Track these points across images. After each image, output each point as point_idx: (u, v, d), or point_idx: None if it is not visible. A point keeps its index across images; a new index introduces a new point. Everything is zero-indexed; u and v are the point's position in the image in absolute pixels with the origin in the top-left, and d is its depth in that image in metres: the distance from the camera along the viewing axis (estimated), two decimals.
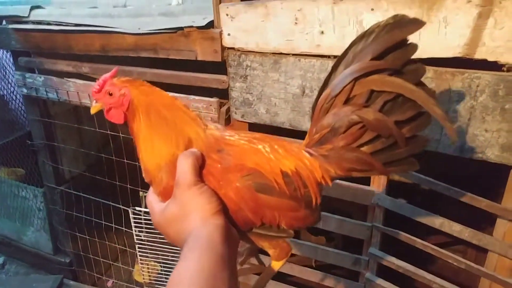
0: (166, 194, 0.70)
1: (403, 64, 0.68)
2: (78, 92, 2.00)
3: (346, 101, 0.71)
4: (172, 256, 2.27)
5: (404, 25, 0.66)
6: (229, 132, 0.76)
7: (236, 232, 0.68)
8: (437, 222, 1.54)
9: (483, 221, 1.68)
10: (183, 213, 0.65)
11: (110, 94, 0.71)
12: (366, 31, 0.69)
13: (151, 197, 0.74)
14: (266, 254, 0.81)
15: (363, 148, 0.73)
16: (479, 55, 1.24)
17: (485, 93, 1.28)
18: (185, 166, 0.66)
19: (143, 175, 0.73)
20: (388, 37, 0.66)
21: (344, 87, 0.70)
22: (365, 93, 0.70)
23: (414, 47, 0.67)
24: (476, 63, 1.27)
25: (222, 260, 0.58)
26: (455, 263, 1.58)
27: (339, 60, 0.72)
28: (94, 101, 0.74)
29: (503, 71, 1.25)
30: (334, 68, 0.73)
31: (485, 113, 1.30)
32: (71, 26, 1.87)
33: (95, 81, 0.73)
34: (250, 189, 0.70)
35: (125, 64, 1.91)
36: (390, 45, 0.66)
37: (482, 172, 2.12)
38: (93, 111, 0.74)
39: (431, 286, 1.65)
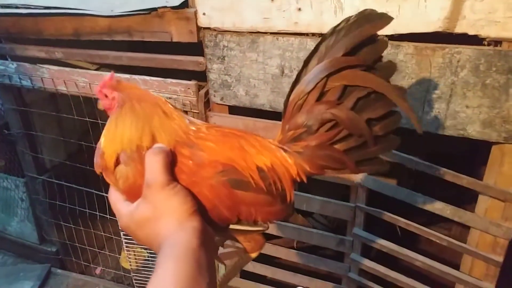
0: (132, 194, 0.66)
1: (375, 59, 0.68)
2: (53, 79, 1.93)
3: (319, 97, 0.70)
4: None
5: (372, 20, 0.66)
6: (197, 124, 0.72)
7: (212, 231, 0.65)
8: (419, 200, 1.53)
9: (466, 199, 1.68)
10: (156, 216, 0.61)
11: (106, 96, 0.71)
12: (336, 26, 0.68)
13: (115, 196, 0.69)
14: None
15: (336, 146, 0.72)
16: (459, 28, 1.20)
17: (466, 68, 1.25)
18: (155, 165, 0.62)
19: (95, 164, 0.70)
20: (359, 32, 0.66)
21: (317, 83, 0.69)
22: (338, 88, 0.69)
23: (384, 43, 0.68)
24: (457, 37, 1.24)
25: (200, 267, 0.55)
26: (437, 241, 1.58)
27: (311, 54, 0.70)
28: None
29: (484, 45, 1.22)
30: (306, 63, 0.71)
31: (466, 88, 1.28)
32: (40, 9, 1.79)
33: (70, 67, 0.73)
34: (226, 186, 0.67)
35: (100, 48, 1.85)
36: (361, 40, 0.66)
37: (463, 150, 2.12)
38: (99, 106, 0.74)
39: (414, 264, 1.66)
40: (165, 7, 1.57)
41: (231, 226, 0.72)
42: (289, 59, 1.47)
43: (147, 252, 2.44)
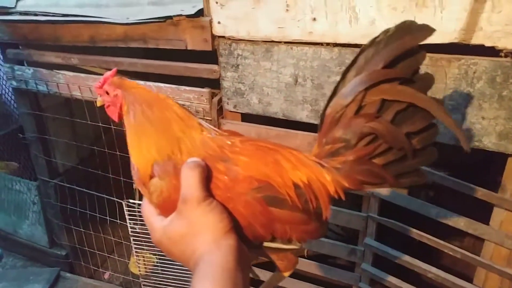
0: (166, 208, 0.65)
1: (413, 72, 0.66)
2: (68, 85, 1.96)
3: (357, 111, 0.68)
4: None
5: (413, 31, 0.64)
6: (232, 138, 0.71)
7: (248, 250, 0.64)
8: (433, 212, 1.52)
9: (480, 211, 1.65)
10: (192, 232, 0.60)
11: (107, 93, 0.71)
12: (375, 38, 0.66)
13: (148, 210, 0.68)
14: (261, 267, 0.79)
15: (375, 160, 0.70)
16: (476, 40, 1.20)
17: (482, 80, 1.24)
18: (191, 180, 0.61)
19: (134, 178, 0.70)
20: (399, 44, 0.64)
21: (355, 96, 0.67)
22: (377, 102, 0.67)
23: (423, 55, 0.66)
24: (473, 48, 1.23)
25: (237, 287, 0.55)
26: (451, 253, 1.56)
27: (349, 66, 0.69)
28: (99, 96, 0.75)
29: (501, 56, 1.21)
30: (344, 75, 0.69)
31: (482, 100, 1.27)
32: (58, 16, 1.82)
33: (85, 73, 0.75)
34: (261, 203, 0.66)
35: (116, 55, 1.87)
36: (400, 53, 0.65)
37: (478, 161, 2.10)
38: (98, 104, 0.75)
39: (426, 276, 1.64)
40: (181, 15, 1.59)
41: (265, 244, 0.71)
42: (302, 68, 1.48)
43: (156, 258, 2.45)
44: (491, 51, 1.22)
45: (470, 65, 1.24)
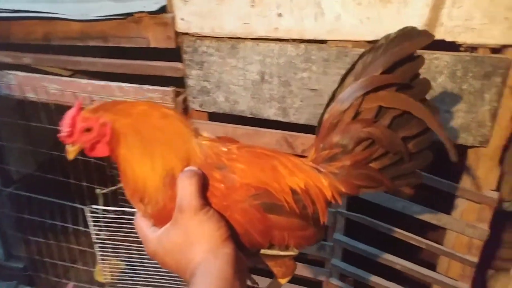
0: (161, 218, 0.63)
1: (412, 77, 0.67)
2: (21, 86, 1.84)
3: (355, 116, 0.69)
4: (137, 253, 2.18)
5: (413, 37, 0.66)
6: (228, 144, 0.69)
7: (244, 257, 0.63)
8: (399, 205, 1.55)
9: (441, 201, 1.71)
10: (188, 242, 0.58)
11: (88, 130, 0.61)
12: (375, 44, 0.67)
13: (141, 222, 0.66)
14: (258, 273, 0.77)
15: (372, 164, 0.71)
16: (437, 35, 1.23)
17: (443, 74, 1.28)
18: (188, 189, 0.59)
19: (128, 195, 0.66)
20: (398, 50, 0.65)
21: (353, 102, 0.68)
22: (374, 108, 0.68)
23: (422, 60, 0.67)
24: (436, 43, 1.27)
25: None
26: (417, 244, 1.61)
27: (347, 72, 0.70)
28: (69, 145, 0.64)
29: (461, 51, 1.25)
30: (342, 80, 0.70)
31: (444, 94, 1.31)
32: (8, 12, 1.70)
33: (39, 73, 0.67)
34: (259, 210, 0.64)
35: (77, 54, 1.78)
36: (400, 59, 0.65)
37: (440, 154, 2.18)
38: (71, 156, 0.65)
39: (394, 268, 1.68)
40: (142, 12, 1.53)
41: (262, 252, 0.69)
42: (269, 65, 1.46)
43: (124, 264, 2.36)
44: (451, 46, 1.26)
45: (432, 59, 1.27)
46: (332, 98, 0.71)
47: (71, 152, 0.64)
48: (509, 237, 2.03)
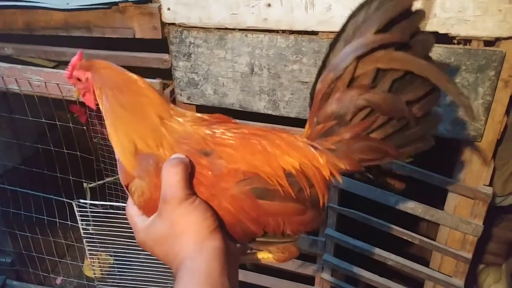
0: (148, 208, 0.61)
1: (411, 35, 0.58)
2: (3, 77, 1.78)
3: (350, 83, 0.61)
4: (126, 247, 2.15)
5: None
6: (215, 126, 0.64)
7: (235, 247, 0.60)
8: (392, 200, 1.52)
9: (434, 196, 1.69)
10: (174, 234, 0.56)
11: (79, 80, 0.67)
12: (366, 0, 0.58)
13: (132, 210, 0.64)
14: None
15: (373, 135, 0.63)
16: (430, 27, 1.19)
17: None
18: (173, 178, 0.56)
19: (120, 175, 0.64)
20: (394, 4, 0.57)
21: (347, 67, 0.60)
22: (371, 72, 0.60)
23: (421, 14, 0.58)
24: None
25: None
26: (410, 239, 1.59)
27: (337, 35, 0.61)
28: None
29: (454, 43, 1.22)
30: (333, 46, 0.62)
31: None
32: None
33: (21, 64, 0.68)
34: (250, 196, 0.60)
35: (63, 44, 1.72)
36: (396, 14, 0.57)
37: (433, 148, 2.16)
38: (75, 95, 0.72)
39: (386, 263, 1.66)
40: (127, 1, 1.47)
41: (257, 239, 0.65)
42: (258, 57, 1.42)
43: (113, 258, 2.33)
44: (444, 39, 1.22)
45: None
46: (323, 66, 0.63)
47: (74, 91, 0.70)
48: (499, 232, 2.02)
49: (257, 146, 0.63)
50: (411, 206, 1.52)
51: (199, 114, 0.68)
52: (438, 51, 1.22)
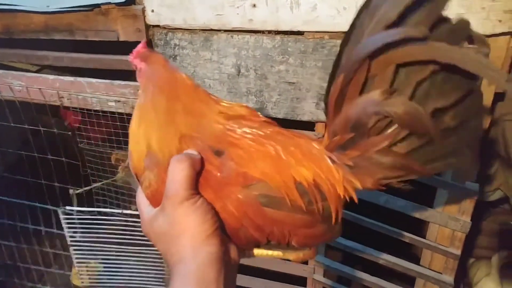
0: (154, 200, 0.60)
1: (433, 25, 0.47)
2: None
3: (363, 88, 0.53)
4: (115, 254, 2.11)
5: None
6: (234, 122, 0.61)
7: (235, 253, 0.58)
8: (382, 199, 1.52)
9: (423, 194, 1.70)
10: (173, 233, 0.55)
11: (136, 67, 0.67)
12: None
13: (141, 198, 0.63)
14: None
15: (395, 148, 0.55)
16: None
17: None
18: (178, 175, 0.54)
19: (130, 166, 0.64)
20: None
21: (357, 68, 0.51)
22: (389, 72, 0.50)
23: None
24: None
25: None
26: (400, 238, 1.59)
27: (347, 35, 0.53)
28: None
29: None
30: (343, 46, 0.54)
31: None
32: None
33: (2, 69, 0.67)
34: (255, 202, 0.57)
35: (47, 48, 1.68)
36: (414, 2, 0.47)
37: None
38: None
39: (378, 262, 1.66)
40: (109, 3, 1.45)
41: (261, 247, 0.63)
42: (245, 58, 1.40)
43: (103, 265, 2.28)
44: None
45: None
46: (334, 71, 0.55)
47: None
48: (488, 226, 2.04)
49: (271, 151, 0.59)
50: (402, 205, 1.52)
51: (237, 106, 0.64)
52: None
